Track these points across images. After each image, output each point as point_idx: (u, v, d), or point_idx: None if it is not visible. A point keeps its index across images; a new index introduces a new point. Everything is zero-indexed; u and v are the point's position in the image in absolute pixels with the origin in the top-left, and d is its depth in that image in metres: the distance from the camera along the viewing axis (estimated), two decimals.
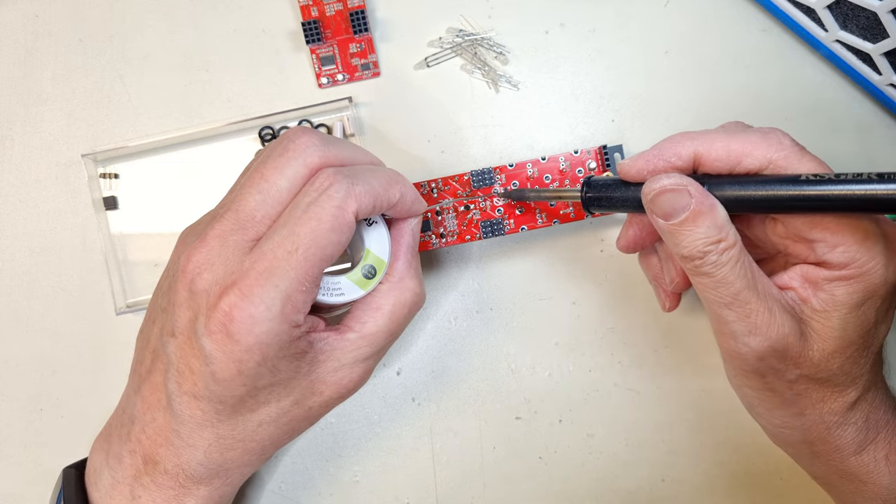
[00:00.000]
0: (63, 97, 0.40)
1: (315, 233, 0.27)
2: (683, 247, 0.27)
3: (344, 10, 0.38)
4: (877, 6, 0.30)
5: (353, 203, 0.28)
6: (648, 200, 0.27)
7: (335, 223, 0.27)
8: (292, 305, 0.27)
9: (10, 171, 0.40)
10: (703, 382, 0.38)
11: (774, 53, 0.38)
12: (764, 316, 0.26)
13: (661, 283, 0.33)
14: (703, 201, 0.26)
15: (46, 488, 0.38)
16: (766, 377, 0.28)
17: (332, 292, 0.30)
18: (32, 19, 0.40)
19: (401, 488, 0.38)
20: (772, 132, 0.27)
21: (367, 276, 0.30)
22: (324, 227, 0.27)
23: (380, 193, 0.29)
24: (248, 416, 0.29)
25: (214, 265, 0.27)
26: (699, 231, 0.26)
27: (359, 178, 0.28)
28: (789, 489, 0.37)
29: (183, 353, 0.28)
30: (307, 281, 0.27)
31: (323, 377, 0.30)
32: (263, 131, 0.39)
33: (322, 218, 0.27)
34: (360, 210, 0.28)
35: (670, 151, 0.28)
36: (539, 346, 0.38)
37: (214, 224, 0.28)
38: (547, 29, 0.39)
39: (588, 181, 0.31)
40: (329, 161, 0.29)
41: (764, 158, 0.27)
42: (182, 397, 0.28)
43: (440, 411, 0.38)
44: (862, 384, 0.28)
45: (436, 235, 0.36)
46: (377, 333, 0.30)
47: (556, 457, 0.38)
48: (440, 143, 0.39)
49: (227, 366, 0.27)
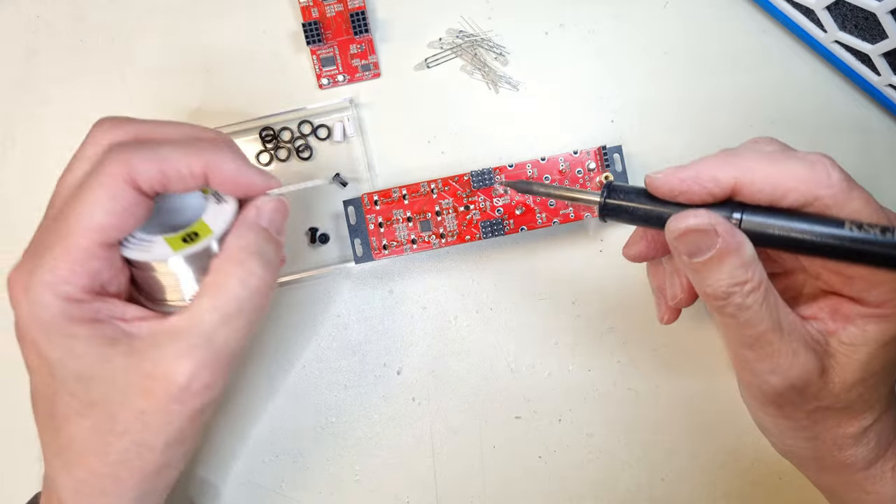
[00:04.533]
0: (64, 98, 0.40)
1: (77, 200, 0.25)
2: (707, 285, 0.25)
3: (344, 11, 0.38)
4: (876, 7, 0.31)
5: (124, 170, 0.25)
6: (674, 237, 0.26)
7: (101, 192, 0.25)
8: (58, 276, 0.25)
9: (11, 172, 0.40)
10: (703, 382, 0.38)
11: (773, 54, 0.38)
12: (787, 358, 0.25)
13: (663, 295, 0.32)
14: (729, 241, 0.25)
15: None
16: (783, 408, 0.28)
17: (137, 248, 0.27)
18: (33, 20, 0.40)
19: (401, 488, 0.38)
20: (819, 163, 0.25)
21: (185, 241, 0.27)
22: (87, 197, 0.25)
23: (170, 159, 0.26)
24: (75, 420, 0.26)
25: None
26: (723, 271, 0.25)
27: (147, 146, 0.26)
28: (789, 489, 0.37)
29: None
30: (73, 251, 0.25)
31: (147, 370, 0.25)
32: (264, 132, 0.39)
33: (89, 186, 0.25)
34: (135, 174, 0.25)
35: (708, 176, 0.25)
36: (539, 346, 0.38)
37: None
38: (547, 30, 0.39)
39: (610, 186, 0.27)
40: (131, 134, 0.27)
41: (809, 194, 0.25)
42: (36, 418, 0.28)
43: (440, 411, 0.38)
44: (879, 409, 0.28)
45: (436, 235, 0.36)
46: (204, 315, 0.26)
47: (556, 456, 0.38)
48: (440, 143, 0.39)
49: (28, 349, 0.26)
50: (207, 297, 0.26)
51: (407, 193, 0.36)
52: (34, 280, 0.25)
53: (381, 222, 0.36)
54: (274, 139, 0.39)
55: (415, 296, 0.39)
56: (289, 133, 0.39)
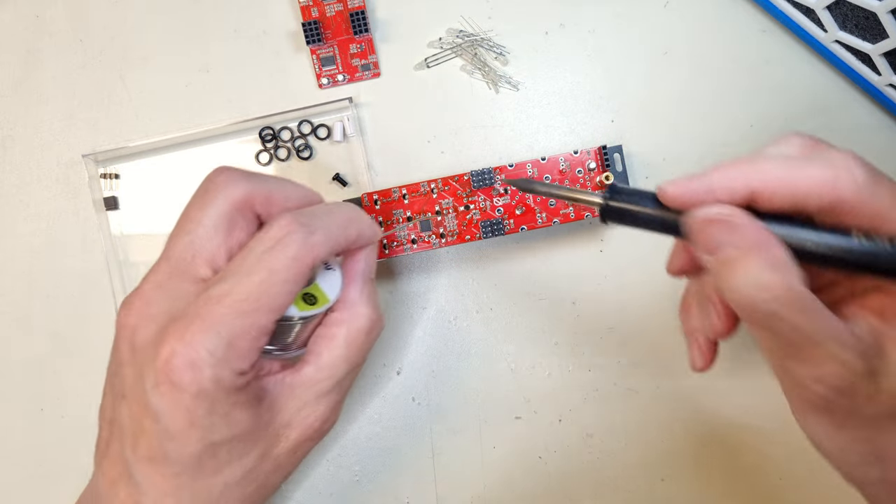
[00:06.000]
0: (64, 97, 0.40)
1: (266, 283, 0.26)
2: (732, 290, 0.23)
3: (344, 10, 0.38)
4: (876, 6, 0.31)
5: (310, 254, 0.26)
6: (692, 231, 0.24)
7: (288, 275, 0.26)
8: (236, 353, 0.25)
9: (11, 172, 0.40)
10: (703, 382, 0.38)
11: (774, 54, 0.38)
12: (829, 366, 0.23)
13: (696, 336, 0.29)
14: (755, 236, 0.23)
15: (47, 488, 0.38)
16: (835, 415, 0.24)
17: None
18: (33, 20, 0.40)
19: (401, 488, 0.38)
20: (841, 161, 0.23)
21: (305, 301, 0.29)
22: (277, 279, 0.26)
23: (338, 238, 0.28)
24: (211, 479, 0.27)
25: (156, 315, 0.26)
26: (751, 272, 0.22)
27: (316, 225, 0.27)
28: (788, 489, 0.37)
29: (133, 413, 0.26)
30: (254, 329, 0.26)
31: (286, 420, 0.28)
32: (264, 132, 0.39)
33: (275, 269, 0.26)
34: (317, 260, 0.27)
35: (721, 186, 0.24)
36: (539, 346, 0.38)
37: (149, 275, 0.27)
38: (547, 29, 0.39)
39: (613, 188, 0.26)
40: (255, 193, 0.28)
41: (833, 197, 0.23)
42: (140, 464, 0.26)
43: (440, 411, 0.38)
44: None
45: (436, 235, 0.36)
46: (335, 364, 0.29)
47: (556, 457, 0.38)
48: (440, 143, 0.39)
49: (176, 417, 0.25)
50: (338, 350, 0.29)
51: (407, 193, 0.36)
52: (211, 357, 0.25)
53: (381, 222, 0.36)
54: (274, 139, 0.39)
55: (415, 296, 0.39)
56: (289, 133, 0.39)
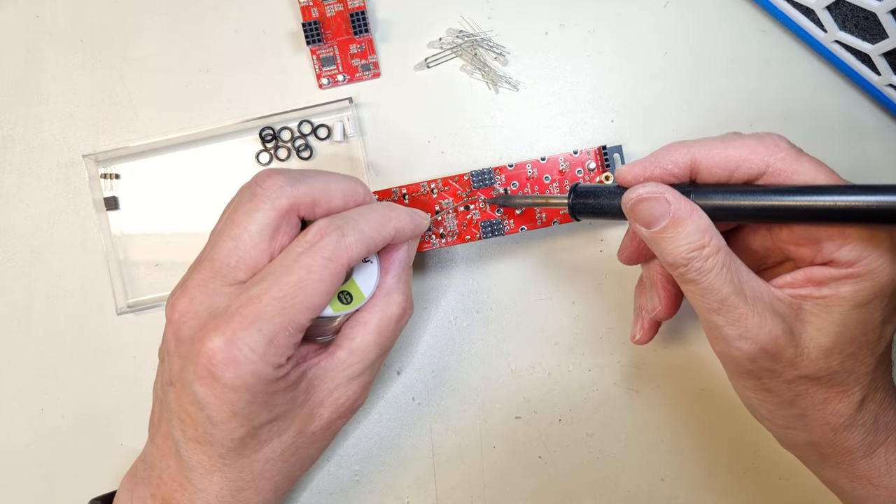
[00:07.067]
0: (64, 97, 0.40)
1: (303, 282, 0.27)
2: (668, 254, 0.27)
3: (344, 10, 0.38)
4: (876, 7, 0.31)
5: (345, 255, 0.28)
6: (628, 209, 0.28)
7: (324, 273, 0.28)
8: (275, 349, 0.27)
9: (11, 172, 0.40)
10: (703, 382, 0.38)
11: (773, 54, 0.38)
12: (753, 320, 0.26)
13: (642, 311, 0.34)
14: (681, 207, 0.26)
15: (47, 488, 0.38)
16: (761, 378, 0.28)
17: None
18: (33, 20, 0.40)
19: (401, 488, 0.38)
20: (768, 136, 0.28)
21: (340, 300, 0.31)
22: (313, 278, 0.28)
23: (373, 238, 0.30)
24: (253, 456, 0.30)
25: (199, 312, 0.28)
26: (681, 238, 0.26)
27: (350, 227, 0.29)
28: (789, 489, 0.37)
29: (180, 400, 0.29)
30: (291, 326, 0.27)
31: (320, 400, 0.31)
32: (264, 132, 0.39)
33: (312, 268, 0.28)
34: (351, 260, 0.29)
35: (667, 158, 0.28)
36: (539, 346, 0.38)
37: (193, 274, 0.29)
38: (547, 30, 0.39)
39: (574, 188, 0.31)
40: (299, 200, 0.29)
41: (762, 162, 0.27)
42: (188, 444, 0.29)
43: (440, 411, 0.38)
44: (867, 383, 0.28)
45: (436, 235, 0.36)
46: (366, 348, 0.31)
47: (556, 456, 0.38)
48: (440, 143, 0.39)
49: (220, 408, 0.27)
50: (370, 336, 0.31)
51: (407, 193, 0.36)
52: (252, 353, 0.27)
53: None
54: (274, 139, 0.39)
55: (415, 296, 0.39)
56: (289, 133, 0.39)
